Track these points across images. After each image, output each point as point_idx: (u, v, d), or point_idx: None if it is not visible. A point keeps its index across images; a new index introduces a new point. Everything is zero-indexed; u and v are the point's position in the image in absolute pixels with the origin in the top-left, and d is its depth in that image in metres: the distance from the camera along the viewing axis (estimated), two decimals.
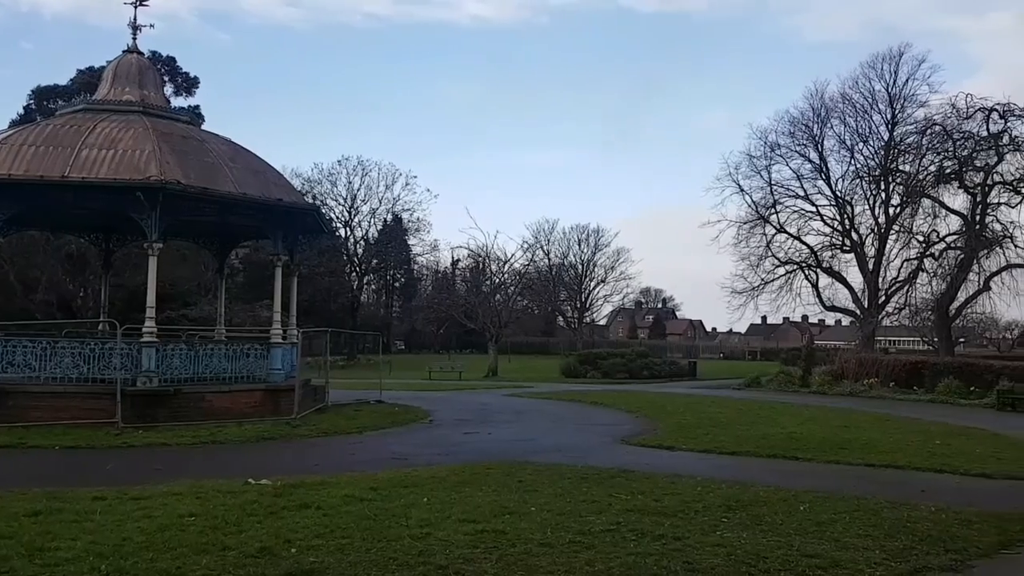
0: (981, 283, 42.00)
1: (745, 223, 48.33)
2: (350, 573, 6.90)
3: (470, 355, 73.74)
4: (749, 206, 48.55)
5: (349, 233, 79.44)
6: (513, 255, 55.93)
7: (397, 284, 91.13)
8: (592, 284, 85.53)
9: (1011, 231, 41.32)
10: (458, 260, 75.85)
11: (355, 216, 79.09)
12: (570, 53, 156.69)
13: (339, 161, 77.43)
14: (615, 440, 17.53)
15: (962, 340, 59.81)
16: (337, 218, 76.89)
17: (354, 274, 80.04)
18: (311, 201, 50.08)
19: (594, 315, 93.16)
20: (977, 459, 14.65)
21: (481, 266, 60.18)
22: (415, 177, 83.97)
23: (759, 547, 7.91)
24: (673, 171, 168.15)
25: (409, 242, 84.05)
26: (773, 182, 48.17)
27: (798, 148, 47.92)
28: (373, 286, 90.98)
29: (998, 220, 42.12)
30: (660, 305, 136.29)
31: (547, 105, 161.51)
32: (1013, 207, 41.64)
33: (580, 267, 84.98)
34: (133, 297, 34.35)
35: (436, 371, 48.34)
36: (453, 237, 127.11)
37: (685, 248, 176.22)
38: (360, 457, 14.74)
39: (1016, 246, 41.08)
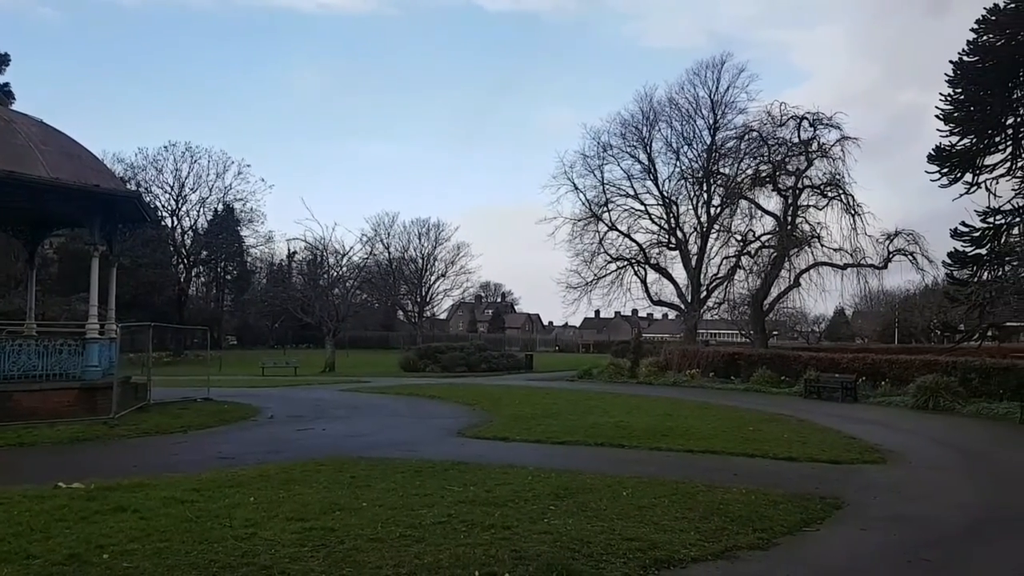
0: (792, 280, 45.17)
1: (579, 220, 50.04)
2: None
3: (307, 350, 72.05)
4: (583, 204, 50.31)
5: (176, 223, 75.61)
6: (352, 248, 55.32)
7: (229, 277, 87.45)
8: (432, 278, 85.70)
9: (818, 231, 44.79)
10: (294, 252, 73.75)
11: (183, 205, 75.34)
12: (419, 46, 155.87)
13: (166, 147, 73.54)
14: (451, 433, 17.64)
15: (775, 333, 64.04)
16: (163, 207, 73.09)
17: (182, 266, 76.18)
18: (133, 188, 47.23)
19: (435, 309, 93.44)
20: (785, 444, 15.77)
21: (319, 259, 58.91)
22: (248, 166, 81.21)
23: (584, 532, 8.20)
24: (515, 168, 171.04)
25: (242, 233, 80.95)
26: (606, 181, 50.12)
27: (629, 149, 50.01)
28: (203, 279, 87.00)
29: (807, 221, 45.54)
30: (500, 299, 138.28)
31: (392, 98, 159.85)
32: (820, 209, 45.12)
33: (420, 261, 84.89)
34: None
35: (270, 367, 46.92)
36: (289, 229, 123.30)
37: (524, 244, 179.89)
38: (184, 457, 14.07)
39: (823, 245, 44.54)
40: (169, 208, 74.20)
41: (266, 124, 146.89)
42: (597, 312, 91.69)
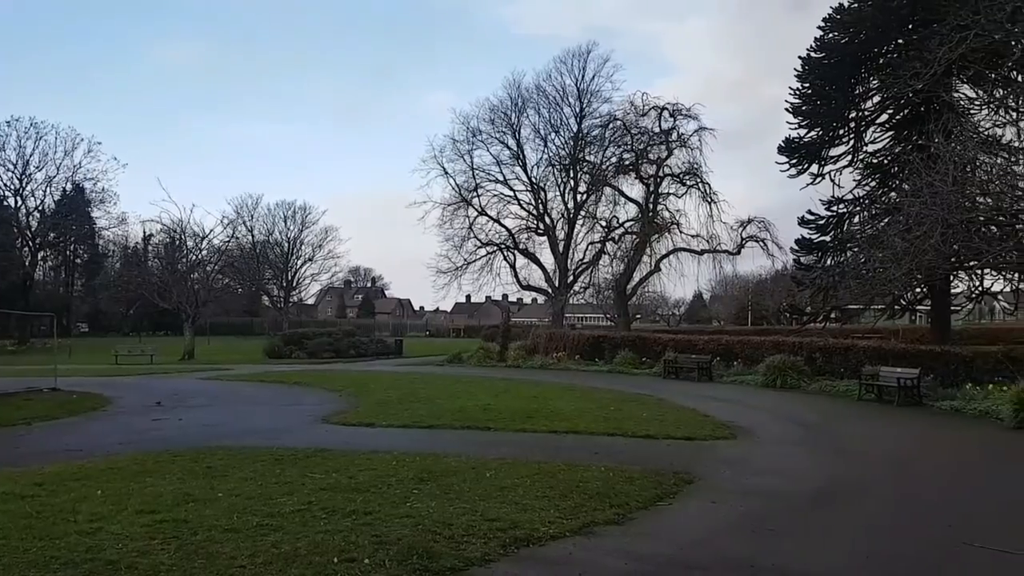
0: (653, 265, 46.84)
1: (449, 205, 50.00)
2: None
3: (164, 338, 69.05)
4: (453, 189, 50.28)
5: (20, 203, 70.57)
6: (212, 231, 53.14)
7: (79, 261, 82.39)
8: (299, 262, 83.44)
9: (678, 218, 46.69)
10: (151, 235, 70.11)
11: (27, 184, 70.15)
12: (294, 26, 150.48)
13: (7, 122, 68.31)
14: (316, 420, 17.36)
15: (638, 316, 66.11)
16: (5, 186, 68.20)
17: (27, 249, 71.27)
18: None
19: (302, 294, 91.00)
20: (643, 422, 16.36)
21: (177, 242, 56.35)
22: (99, 143, 76.37)
23: (446, 515, 8.26)
24: (390, 152, 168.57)
25: (93, 215, 76.06)
26: (475, 166, 50.24)
27: (498, 135, 50.30)
28: (50, 262, 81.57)
29: (667, 208, 47.35)
30: (370, 284, 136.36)
31: (265, 79, 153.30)
32: (679, 197, 47.07)
33: (286, 245, 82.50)
34: None
35: (124, 355, 44.63)
36: (145, 210, 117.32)
37: (396, 228, 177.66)
38: (26, 450, 13.29)
39: (682, 232, 46.46)
40: (12, 187, 69.26)
41: (122, 101, 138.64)
42: (468, 297, 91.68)
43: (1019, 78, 27.38)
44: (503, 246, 50.29)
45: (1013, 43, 23.60)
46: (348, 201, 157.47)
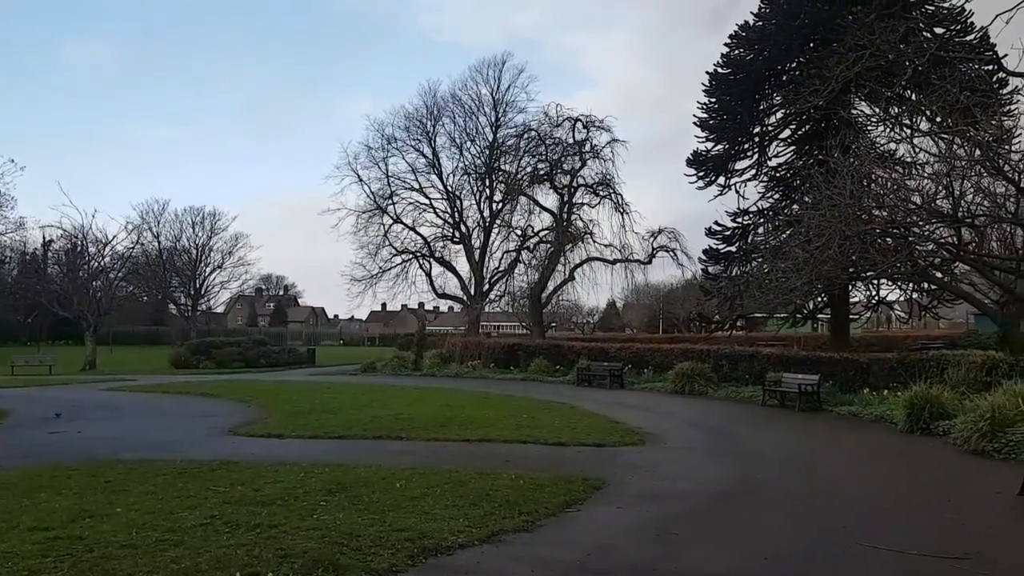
0: (567, 273, 47.47)
1: (364, 212, 49.63)
2: None
3: (65, 347, 66.11)
4: (368, 196, 49.95)
5: None
6: (115, 237, 51.23)
7: None
8: (208, 270, 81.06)
9: (591, 228, 47.49)
10: (51, 241, 67.04)
11: None
12: (212, 27, 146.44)
13: None
14: (222, 432, 16.96)
15: (553, 324, 66.67)
16: None
17: None
18: None
19: (211, 303, 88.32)
20: (555, 430, 16.54)
21: (78, 248, 54.13)
22: None
23: (354, 526, 8.20)
24: (307, 158, 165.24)
25: None
26: (391, 174, 50.05)
27: (413, 143, 50.30)
28: None
29: (581, 218, 48.08)
30: (282, 292, 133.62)
31: (179, 82, 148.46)
32: (593, 207, 47.86)
33: (195, 252, 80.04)
34: None
35: (21, 365, 42.53)
36: (45, 215, 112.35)
37: (308, 235, 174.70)
38: None
39: (595, 241, 47.30)
40: None
41: (20, 101, 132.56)
42: (384, 305, 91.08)
43: (912, 96, 28.80)
44: (419, 254, 50.16)
45: (906, 63, 24.79)
46: (260, 208, 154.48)
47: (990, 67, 25.24)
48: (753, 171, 34.59)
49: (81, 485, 10.36)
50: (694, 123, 34.79)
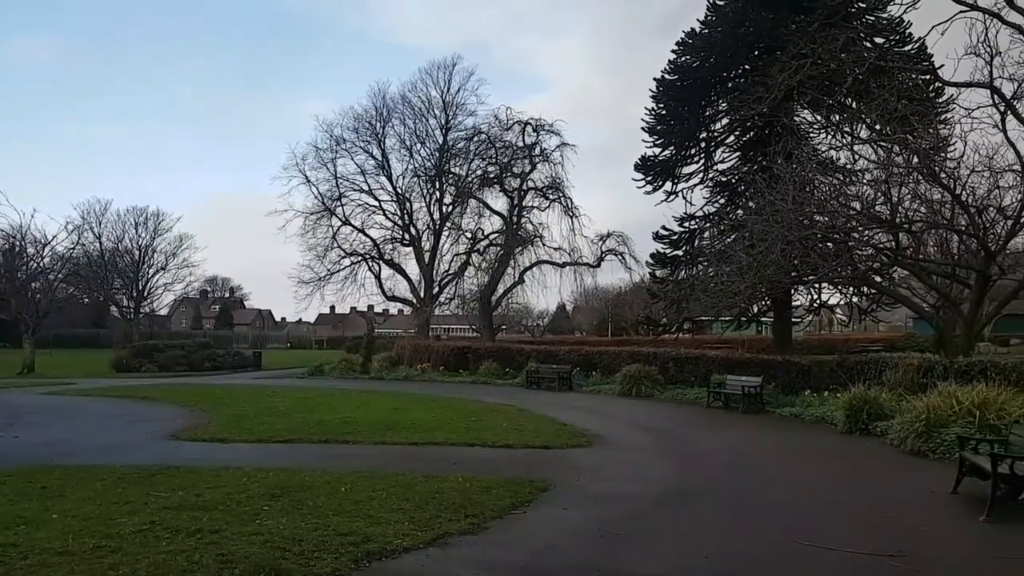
0: (517, 276, 47.60)
1: (312, 214, 49.03)
2: None
3: (2, 350, 64.24)
4: (316, 197, 49.35)
5: None
6: (55, 237, 49.94)
7: None
8: (151, 271, 79.35)
9: (541, 231, 47.68)
10: None
11: None
12: (161, 24, 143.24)
13: None
14: (164, 436, 16.63)
15: (503, 327, 66.68)
16: None
17: None
18: None
19: (154, 305, 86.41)
20: (503, 432, 16.60)
21: (16, 249, 52.64)
22: None
23: (297, 531, 8.13)
24: (255, 159, 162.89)
25: None
26: (339, 175, 49.53)
27: (362, 144, 49.87)
28: None
29: (531, 221, 48.28)
30: (228, 294, 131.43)
31: (121, 79, 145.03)
32: (543, 211, 48.07)
33: (137, 253, 78.31)
34: None
35: None
36: None
37: (255, 237, 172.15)
38: None
39: (545, 245, 47.50)
40: None
41: None
42: (332, 308, 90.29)
43: (852, 104, 29.51)
44: (368, 256, 49.74)
45: (847, 72, 25.39)
46: (206, 208, 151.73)
47: (927, 76, 26.04)
48: (700, 176, 35.15)
49: (16, 491, 10.10)
50: (642, 128, 35.22)
